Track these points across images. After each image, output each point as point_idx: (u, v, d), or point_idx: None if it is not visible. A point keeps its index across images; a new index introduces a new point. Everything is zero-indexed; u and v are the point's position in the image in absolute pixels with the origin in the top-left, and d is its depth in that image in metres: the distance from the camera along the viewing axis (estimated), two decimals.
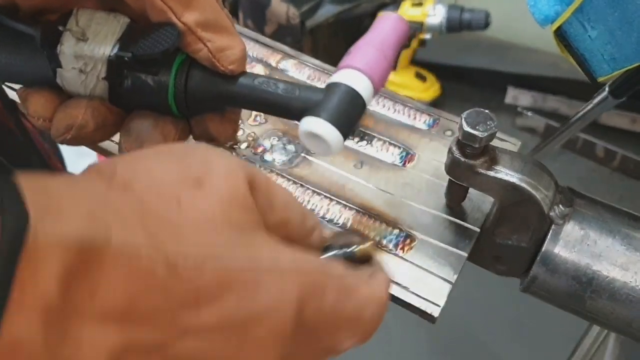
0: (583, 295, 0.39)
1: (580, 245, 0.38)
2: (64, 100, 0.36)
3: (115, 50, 0.34)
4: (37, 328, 0.21)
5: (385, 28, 0.40)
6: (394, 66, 0.39)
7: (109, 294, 0.22)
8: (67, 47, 0.34)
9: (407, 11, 1.64)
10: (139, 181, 0.24)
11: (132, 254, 0.23)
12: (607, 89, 0.42)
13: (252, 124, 0.49)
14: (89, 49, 0.34)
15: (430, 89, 1.77)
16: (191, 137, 0.39)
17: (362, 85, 0.36)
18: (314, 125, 0.34)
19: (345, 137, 0.35)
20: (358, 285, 0.29)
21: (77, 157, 0.77)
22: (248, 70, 0.51)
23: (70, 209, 0.21)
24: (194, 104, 0.36)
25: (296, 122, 0.36)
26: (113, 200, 0.23)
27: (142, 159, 0.26)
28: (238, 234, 0.25)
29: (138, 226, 0.23)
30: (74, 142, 0.36)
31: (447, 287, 0.39)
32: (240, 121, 0.49)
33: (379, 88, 0.38)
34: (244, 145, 0.47)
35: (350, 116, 0.35)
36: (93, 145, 0.38)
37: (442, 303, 0.38)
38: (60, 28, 0.35)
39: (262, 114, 0.49)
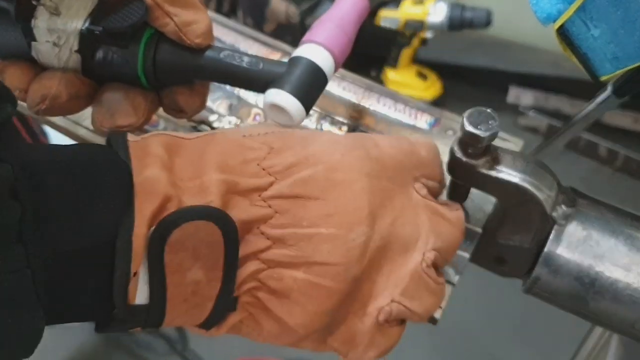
0: (586, 297, 0.38)
1: (582, 246, 0.38)
2: (39, 72, 0.38)
3: (87, 24, 0.35)
4: (159, 171, 0.29)
5: (345, 5, 0.42)
6: (354, 41, 0.41)
7: (206, 157, 0.31)
8: (41, 21, 0.36)
9: (408, 9, 1.64)
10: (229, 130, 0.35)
11: (211, 137, 0.32)
12: (609, 88, 0.42)
13: (251, 124, 0.48)
14: (62, 22, 0.36)
15: (431, 88, 1.77)
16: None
17: (322, 58, 0.38)
18: (277, 97, 0.36)
19: (307, 108, 0.37)
20: (404, 136, 0.36)
21: None
22: None
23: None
24: (163, 77, 0.38)
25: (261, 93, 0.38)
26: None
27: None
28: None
29: (210, 132, 0.34)
30: (48, 112, 0.38)
31: (449, 288, 0.39)
32: (239, 120, 0.48)
33: (339, 61, 0.39)
34: None
35: (312, 88, 0.37)
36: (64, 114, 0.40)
37: (444, 304, 0.38)
38: (34, 2, 0.36)
39: (261, 113, 0.49)
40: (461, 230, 0.36)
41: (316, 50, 0.38)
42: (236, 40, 0.53)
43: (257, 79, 0.37)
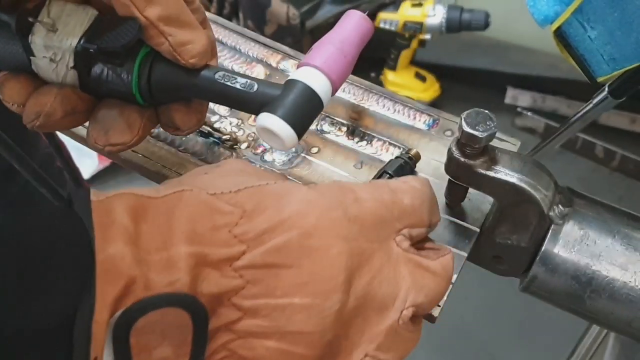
0: (583, 295, 0.39)
1: (579, 245, 0.38)
2: (39, 86, 0.38)
3: (82, 42, 0.36)
4: (123, 246, 0.27)
5: (347, 26, 0.41)
6: (355, 64, 0.40)
7: (174, 224, 0.29)
8: (38, 38, 0.36)
9: (407, 11, 1.64)
10: (186, 178, 0.34)
11: (179, 196, 0.30)
12: (606, 89, 0.42)
13: (252, 124, 0.49)
14: (58, 39, 0.36)
15: (430, 89, 1.78)
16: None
17: (319, 83, 0.37)
18: (269, 121, 0.36)
19: (299, 134, 0.36)
20: (386, 182, 0.35)
21: (78, 157, 0.77)
22: (248, 70, 0.52)
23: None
24: (158, 95, 0.38)
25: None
26: (166, 182, 0.34)
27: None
28: (259, 176, 0.33)
29: (179, 185, 0.31)
30: (43, 128, 0.37)
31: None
32: (240, 121, 0.49)
33: (337, 85, 0.39)
34: (244, 146, 0.47)
35: (305, 113, 0.37)
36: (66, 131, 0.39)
37: (442, 303, 0.38)
38: (30, 19, 0.36)
39: None
40: (447, 279, 0.35)
41: (313, 74, 0.37)
42: (237, 42, 0.54)
43: (251, 102, 0.37)
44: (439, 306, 0.38)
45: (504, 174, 0.37)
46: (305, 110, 0.37)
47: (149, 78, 0.37)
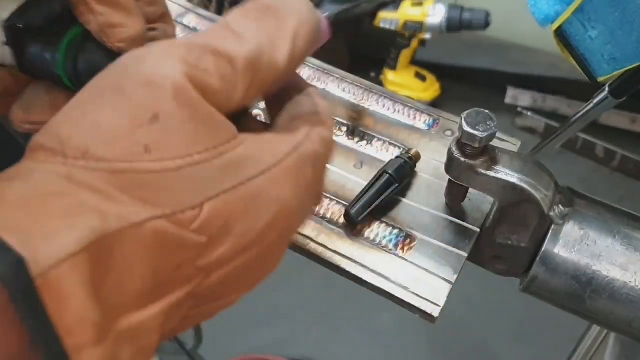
0: (583, 295, 0.39)
1: (580, 245, 0.38)
2: None
3: (11, 17, 0.35)
4: (92, 343, 0.21)
5: None
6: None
7: (134, 279, 0.23)
8: None
9: (407, 11, 1.64)
10: (95, 145, 0.25)
11: (134, 231, 0.23)
12: (607, 89, 0.42)
13: None
14: None
15: (430, 89, 1.78)
16: None
17: None
18: None
19: None
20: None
21: None
22: None
23: (51, 221, 0.22)
24: (86, 79, 0.36)
25: None
26: (83, 180, 0.24)
27: (83, 113, 0.26)
28: (213, 154, 0.26)
29: (125, 199, 0.24)
30: None
31: (447, 287, 0.39)
32: None
33: None
34: None
35: None
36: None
37: (442, 303, 0.38)
38: None
39: (262, 114, 0.49)
40: None
41: None
42: None
43: None
44: (439, 306, 0.38)
45: (504, 174, 0.37)
46: None
47: (77, 59, 0.35)
